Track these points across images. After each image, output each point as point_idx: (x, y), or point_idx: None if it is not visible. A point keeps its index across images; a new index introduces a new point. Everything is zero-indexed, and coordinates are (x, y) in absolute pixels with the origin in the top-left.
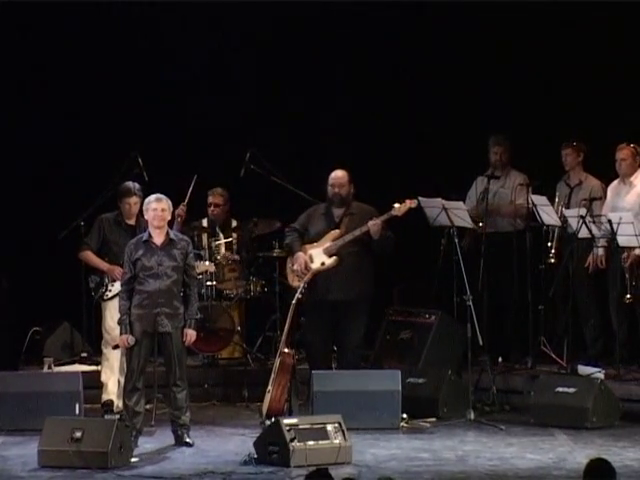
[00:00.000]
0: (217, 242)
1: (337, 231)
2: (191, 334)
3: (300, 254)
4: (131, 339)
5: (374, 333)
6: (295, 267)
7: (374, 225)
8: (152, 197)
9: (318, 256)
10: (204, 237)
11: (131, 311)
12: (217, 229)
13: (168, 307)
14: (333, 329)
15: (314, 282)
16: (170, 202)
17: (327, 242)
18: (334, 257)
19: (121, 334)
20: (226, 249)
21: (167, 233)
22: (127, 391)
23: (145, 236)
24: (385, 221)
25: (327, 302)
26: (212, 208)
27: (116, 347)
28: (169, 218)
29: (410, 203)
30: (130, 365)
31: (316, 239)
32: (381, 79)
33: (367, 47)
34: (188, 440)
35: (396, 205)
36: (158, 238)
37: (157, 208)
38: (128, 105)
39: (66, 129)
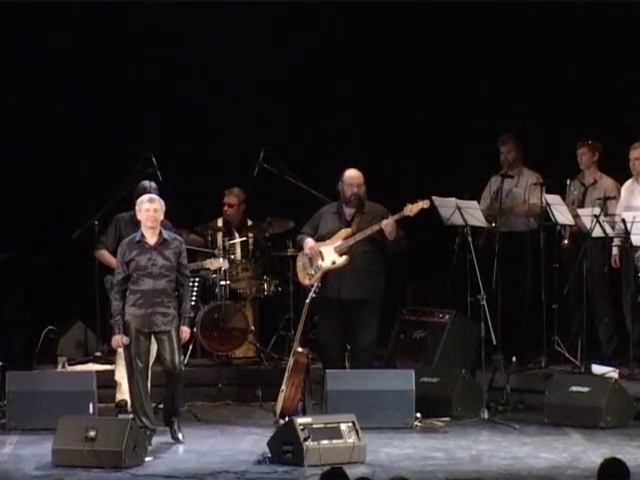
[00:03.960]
0: (231, 242)
1: (348, 230)
2: (186, 331)
3: (309, 239)
4: (125, 339)
5: (388, 332)
6: (306, 251)
7: (387, 225)
8: (145, 197)
9: (329, 254)
10: (219, 237)
11: (125, 311)
12: (233, 229)
13: (163, 306)
14: (345, 328)
15: (326, 281)
16: (163, 202)
17: (338, 240)
18: (345, 256)
19: (114, 334)
20: (241, 249)
21: (160, 233)
22: (134, 392)
23: (138, 236)
24: (398, 221)
25: (339, 301)
26: (226, 208)
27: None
28: (162, 218)
29: (422, 204)
30: (130, 366)
31: (327, 238)
32: (395, 79)
33: (381, 47)
34: (180, 436)
35: (408, 205)
36: (151, 238)
37: (150, 209)
38: (141, 104)
39: (80, 129)
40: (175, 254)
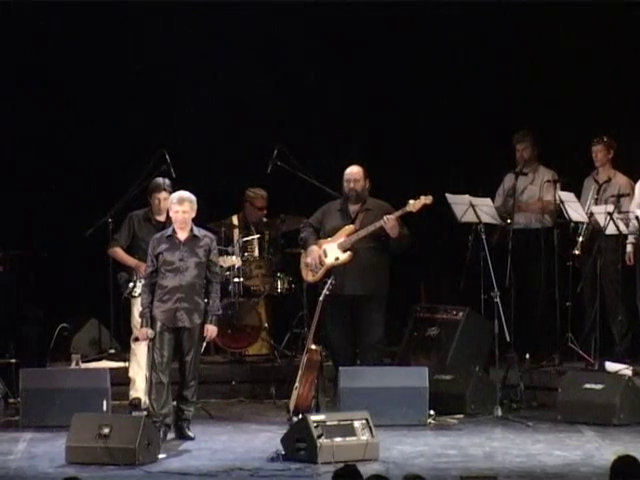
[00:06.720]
0: (245, 239)
1: (352, 226)
2: (212, 329)
3: (314, 247)
4: (150, 332)
5: (401, 330)
6: (309, 260)
7: (389, 221)
8: (175, 198)
9: (332, 251)
10: (235, 233)
11: (153, 305)
12: (251, 226)
13: (188, 302)
14: (352, 325)
15: (329, 277)
16: (194, 200)
17: (341, 237)
18: (348, 252)
19: (142, 327)
20: (258, 246)
21: (191, 229)
22: (152, 384)
23: (169, 231)
24: (400, 217)
25: (343, 297)
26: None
27: (136, 339)
28: (193, 216)
29: (425, 199)
30: (153, 359)
31: (331, 234)
32: (409, 75)
33: (393, 44)
34: (190, 433)
35: (411, 201)
36: (182, 234)
37: (179, 211)
38: (155, 102)
39: (93, 127)
40: (205, 251)
